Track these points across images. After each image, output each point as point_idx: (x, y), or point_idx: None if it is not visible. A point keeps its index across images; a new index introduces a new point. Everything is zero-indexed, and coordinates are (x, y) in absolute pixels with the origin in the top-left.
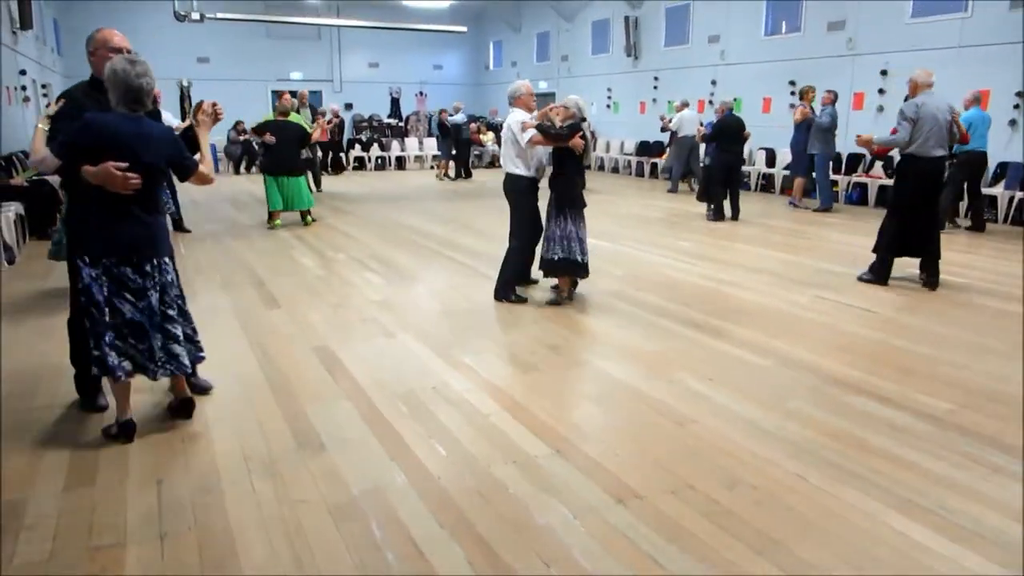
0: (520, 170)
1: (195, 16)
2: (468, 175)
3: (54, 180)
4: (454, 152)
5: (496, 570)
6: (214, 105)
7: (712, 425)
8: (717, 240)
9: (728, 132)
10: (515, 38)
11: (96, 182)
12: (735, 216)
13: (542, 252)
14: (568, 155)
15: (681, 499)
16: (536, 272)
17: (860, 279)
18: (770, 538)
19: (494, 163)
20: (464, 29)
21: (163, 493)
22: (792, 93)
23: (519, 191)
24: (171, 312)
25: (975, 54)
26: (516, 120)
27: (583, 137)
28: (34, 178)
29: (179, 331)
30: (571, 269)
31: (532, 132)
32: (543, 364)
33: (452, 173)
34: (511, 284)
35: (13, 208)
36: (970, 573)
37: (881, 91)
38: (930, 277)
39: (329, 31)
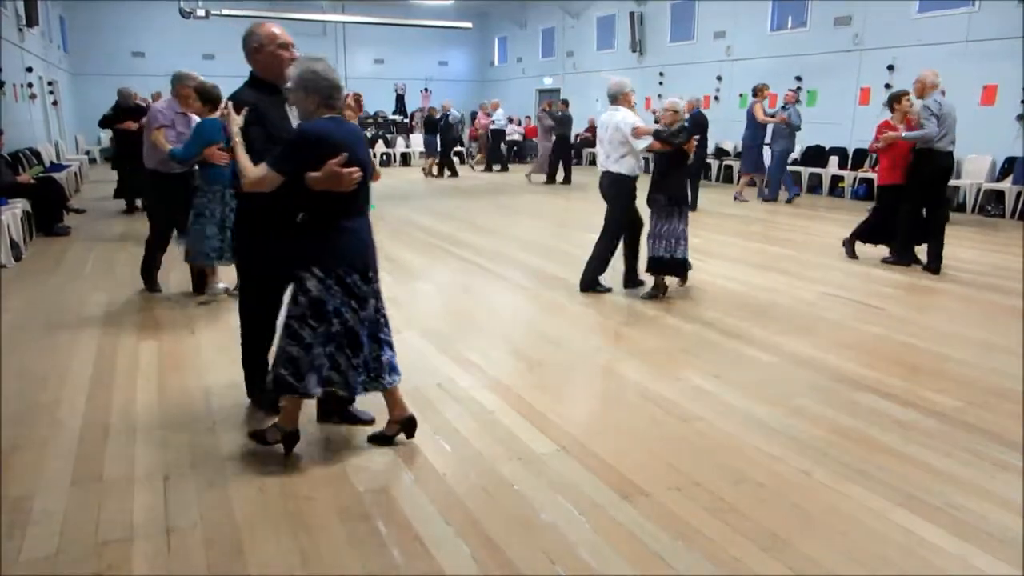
0: (626, 170)
1: (200, 13)
2: (454, 173)
3: (60, 177)
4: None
5: (502, 568)
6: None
7: (718, 422)
8: (721, 236)
9: (698, 128)
10: (520, 34)
11: (321, 187)
12: (693, 207)
13: (650, 251)
14: (681, 156)
15: (687, 496)
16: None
17: (885, 261)
18: (776, 535)
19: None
20: (469, 25)
21: (169, 489)
22: (798, 89)
23: (627, 191)
24: (382, 320)
25: (982, 49)
26: (626, 121)
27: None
28: (40, 175)
29: (390, 338)
30: (679, 268)
31: (648, 139)
32: (549, 361)
33: (435, 171)
34: (597, 276)
35: (20, 205)
36: (977, 571)
37: (888, 86)
38: (935, 262)
39: (335, 28)
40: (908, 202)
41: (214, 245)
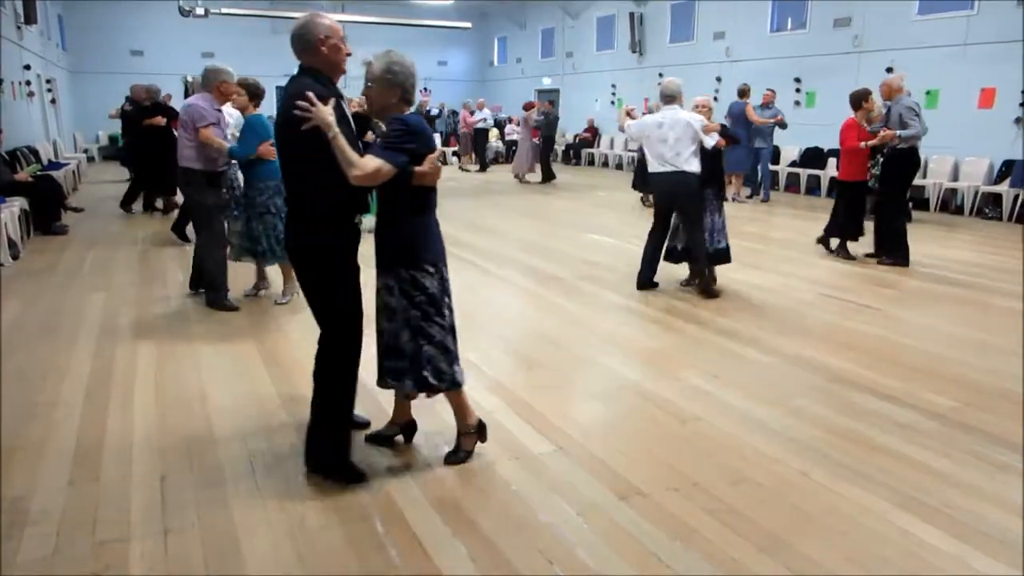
0: (695, 168)
1: (199, 11)
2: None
3: (58, 176)
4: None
5: (499, 568)
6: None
7: (717, 423)
8: None
9: None
10: (520, 34)
11: (423, 182)
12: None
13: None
14: (718, 153)
15: (685, 496)
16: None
17: (881, 262)
18: (775, 536)
19: (497, 159)
20: (469, 25)
21: (167, 489)
22: (797, 90)
23: (696, 187)
24: None
25: (981, 52)
26: (695, 118)
27: None
28: (38, 173)
29: None
30: (726, 256)
31: (716, 136)
32: (547, 361)
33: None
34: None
35: (17, 203)
36: (975, 572)
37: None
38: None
39: None
40: (892, 200)
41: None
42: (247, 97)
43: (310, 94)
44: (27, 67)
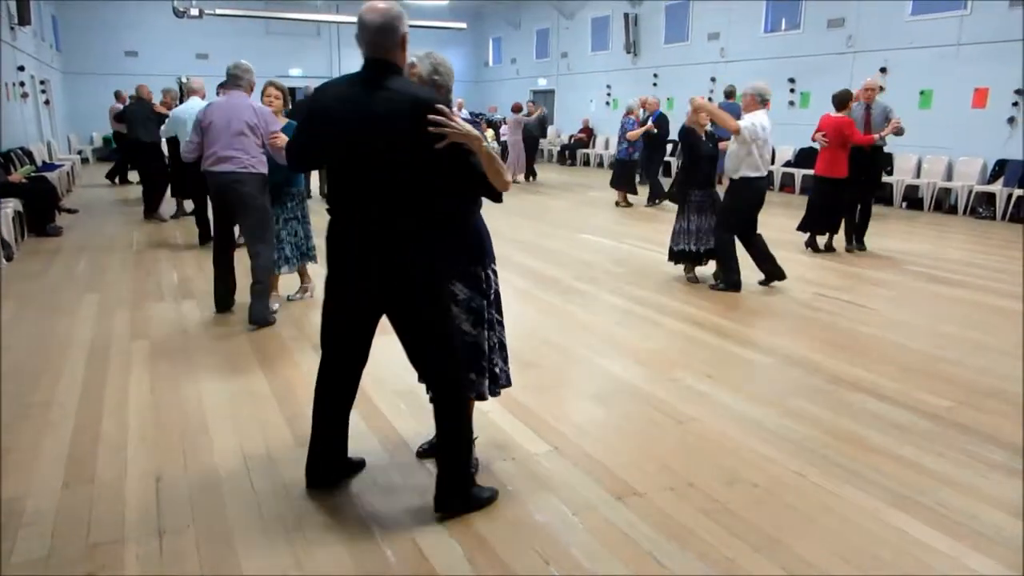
0: None
1: (194, 12)
2: None
3: (52, 177)
4: None
5: (495, 568)
6: None
7: (712, 423)
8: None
9: (664, 129)
10: (515, 35)
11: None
12: (660, 201)
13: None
14: (715, 155)
15: (681, 496)
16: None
17: (847, 250)
18: (770, 536)
19: None
20: (464, 26)
21: (162, 491)
22: (792, 91)
23: None
24: None
25: (974, 52)
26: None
27: None
28: (32, 175)
29: None
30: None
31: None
32: (543, 361)
33: None
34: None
35: (11, 205)
36: (969, 571)
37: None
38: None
39: (328, 28)
40: (872, 194)
41: (312, 244)
42: (282, 101)
43: (443, 107)
44: (21, 68)
